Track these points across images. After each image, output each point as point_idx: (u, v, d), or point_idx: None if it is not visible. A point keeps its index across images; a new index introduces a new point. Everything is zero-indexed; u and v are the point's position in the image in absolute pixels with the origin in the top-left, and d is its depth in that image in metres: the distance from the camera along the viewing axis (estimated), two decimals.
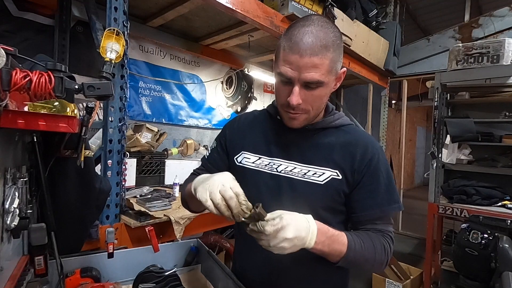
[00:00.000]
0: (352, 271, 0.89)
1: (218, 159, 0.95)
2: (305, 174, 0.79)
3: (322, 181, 0.78)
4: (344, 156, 0.79)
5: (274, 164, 0.83)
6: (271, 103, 0.94)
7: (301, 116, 0.77)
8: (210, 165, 0.96)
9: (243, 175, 0.88)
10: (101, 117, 1.67)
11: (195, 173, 0.98)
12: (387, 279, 2.67)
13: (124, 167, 1.60)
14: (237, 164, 0.90)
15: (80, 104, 1.68)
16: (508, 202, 2.31)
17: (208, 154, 0.98)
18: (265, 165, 0.85)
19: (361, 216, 0.80)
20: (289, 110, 0.76)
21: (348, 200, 0.81)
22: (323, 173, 0.78)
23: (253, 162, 0.87)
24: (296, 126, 0.79)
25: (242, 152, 0.89)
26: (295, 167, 0.81)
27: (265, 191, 0.84)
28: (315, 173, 0.79)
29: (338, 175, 0.78)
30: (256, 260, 0.87)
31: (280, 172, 0.82)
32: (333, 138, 0.81)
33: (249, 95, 3.74)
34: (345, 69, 0.78)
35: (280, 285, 0.85)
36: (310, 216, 0.68)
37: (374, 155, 0.79)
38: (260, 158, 0.86)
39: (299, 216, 0.66)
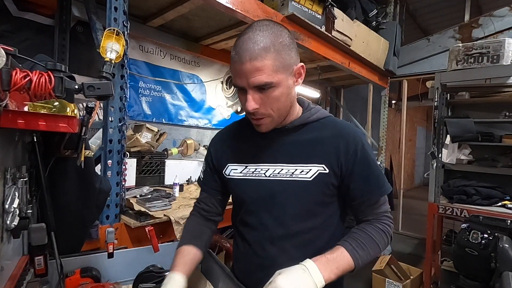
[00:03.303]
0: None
1: (211, 180, 0.97)
2: (292, 173, 0.81)
3: (310, 178, 0.79)
4: (327, 149, 0.80)
5: (261, 170, 0.84)
6: None
7: (265, 120, 0.78)
8: (205, 187, 0.99)
9: (234, 187, 0.90)
10: (101, 117, 1.67)
11: (196, 208, 1.01)
12: (387, 279, 2.67)
13: (124, 167, 1.61)
14: (226, 177, 0.91)
15: (80, 104, 1.68)
16: (508, 202, 2.31)
17: (202, 177, 1.00)
18: (252, 173, 0.85)
19: (361, 203, 0.83)
20: (252, 117, 0.78)
21: (345, 191, 0.83)
22: (310, 170, 0.80)
23: (240, 172, 0.87)
24: (265, 130, 0.80)
25: (228, 164, 0.90)
26: (282, 169, 0.82)
27: (256, 199, 0.85)
28: (302, 171, 0.80)
29: (324, 169, 0.79)
30: (254, 263, 0.87)
31: (268, 176, 0.83)
32: (314, 133, 0.83)
33: None
34: (302, 64, 0.78)
35: None
36: (307, 262, 0.69)
37: (358, 143, 0.81)
38: (246, 166, 0.87)
39: (297, 276, 0.66)
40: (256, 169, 0.85)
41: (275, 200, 0.83)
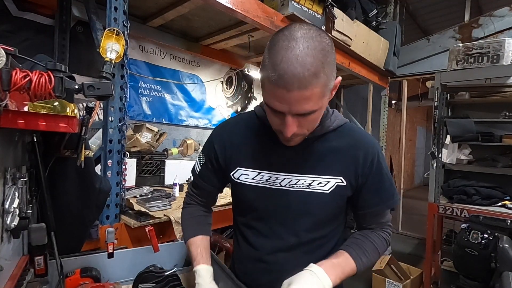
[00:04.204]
0: None
1: (211, 176, 0.90)
2: (309, 184, 0.78)
3: (328, 190, 0.77)
4: (346, 161, 0.78)
5: (276, 179, 0.79)
6: (259, 105, 0.85)
7: (297, 138, 0.72)
8: (204, 183, 0.92)
9: (244, 192, 0.85)
10: (101, 117, 1.67)
11: (192, 199, 0.98)
12: (387, 279, 2.67)
13: (124, 167, 1.61)
14: (235, 180, 0.85)
15: (80, 104, 1.68)
16: (508, 202, 2.31)
17: (198, 169, 0.92)
18: (266, 180, 0.80)
19: (367, 213, 0.84)
20: (284, 138, 0.71)
21: (354, 199, 0.83)
22: (328, 182, 0.77)
23: (252, 178, 0.82)
24: (293, 145, 0.76)
25: (238, 168, 0.84)
26: (299, 180, 0.78)
27: (268, 208, 0.82)
28: (320, 183, 0.77)
29: (342, 182, 0.78)
30: (260, 267, 0.87)
31: (284, 186, 0.79)
32: (333, 143, 0.79)
33: (249, 95, 3.75)
34: (340, 78, 0.69)
35: None
36: (312, 267, 0.70)
37: (374, 155, 0.79)
38: (259, 173, 0.81)
39: (307, 282, 0.66)
40: (270, 177, 0.80)
41: (290, 211, 0.80)
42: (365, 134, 0.84)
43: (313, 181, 0.77)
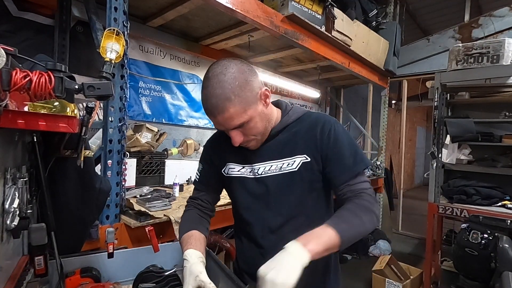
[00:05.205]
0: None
1: (209, 178, 1.03)
2: (281, 167, 0.90)
3: (295, 168, 0.88)
4: (307, 140, 0.89)
5: (254, 170, 0.92)
6: None
7: (251, 142, 0.87)
8: (203, 186, 1.04)
9: (231, 184, 0.98)
10: (101, 117, 1.67)
11: (191, 203, 1.05)
12: (387, 279, 2.67)
13: (124, 167, 1.60)
14: (225, 175, 0.98)
15: (80, 104, 1.68)
16: (508, 202, 2.31)
17: (198, 177, 1.05)
18: (249, 172, 0.94)
19: (336, 183, 0.87)
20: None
21: (324, 176, 0.89)
22: (294, 161, 0.89)
23: (238, 171, 0.96)
24: (254, 149, 0.90)
25: (227, 164, 0.98)
26: (272, 165, 0.91)
27: (253, 195, 0.93)
28: (288, 164, 0.89)
29: (307, 158, 0.88)
30: (257, 253, 0.92)
31: (261, 174, 0.91)
32: (294, 129, 0.91)
33: None
34: (264, 89, 0.83)
35: None
36: (287, 245, 0.70)
37: (330, 129, 0.88)
38: (243, 167, 0.95)
39: (276, 261, 0.67)
40: (252, 169, 0.93)
41: (270, 194, 0.91)
42: (321, 114, 0.95)
43: (283, 164, 0.90)
